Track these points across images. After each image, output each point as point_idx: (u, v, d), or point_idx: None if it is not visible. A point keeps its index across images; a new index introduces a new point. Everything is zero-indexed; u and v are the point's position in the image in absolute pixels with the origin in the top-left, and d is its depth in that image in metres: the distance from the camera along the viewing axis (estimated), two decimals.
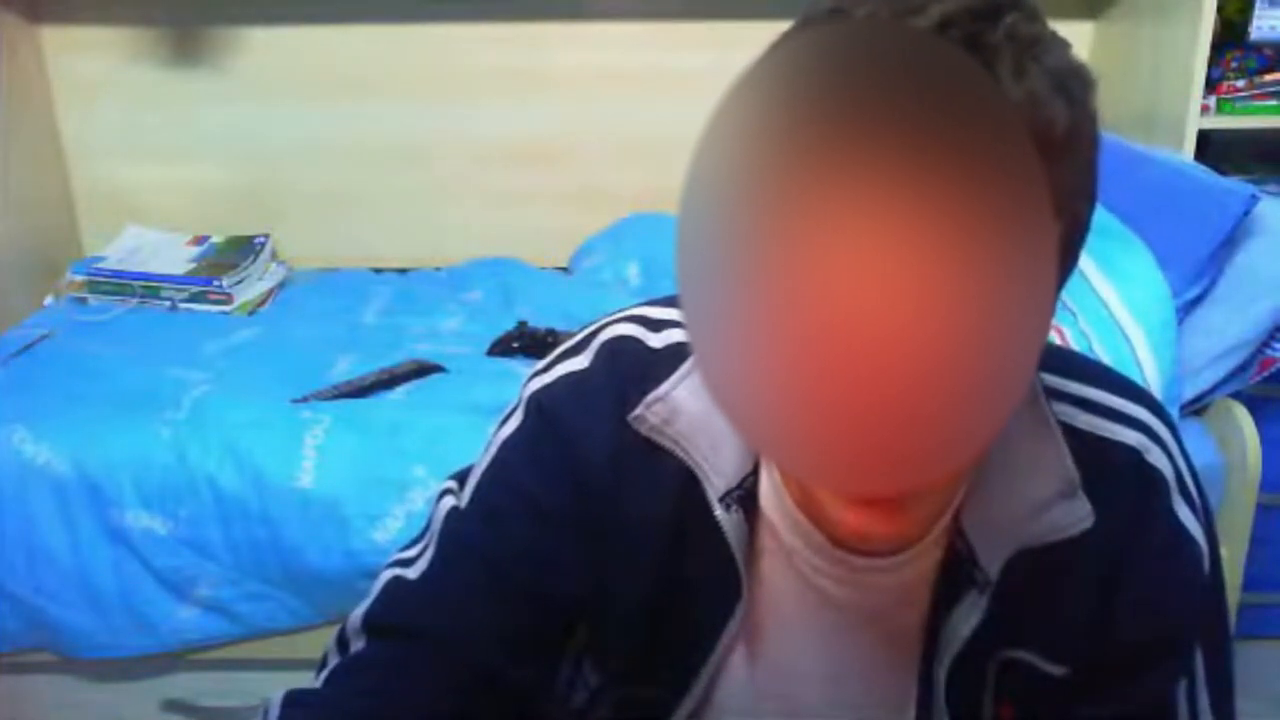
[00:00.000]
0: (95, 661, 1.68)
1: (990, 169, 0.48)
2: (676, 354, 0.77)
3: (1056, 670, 0.77)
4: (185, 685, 1.72)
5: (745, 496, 0.76)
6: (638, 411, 0.75)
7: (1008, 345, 0.51)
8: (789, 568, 0.78)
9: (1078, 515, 0.72)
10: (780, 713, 0.82)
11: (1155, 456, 0.76)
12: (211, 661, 1.69)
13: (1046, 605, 0.75)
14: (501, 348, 1.93)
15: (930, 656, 0.78)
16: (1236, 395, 1.76)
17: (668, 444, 0.75)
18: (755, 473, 0.76)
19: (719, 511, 0.75)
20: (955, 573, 0.75)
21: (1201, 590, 0.78)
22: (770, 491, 0.77)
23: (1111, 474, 0.74)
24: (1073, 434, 0.74)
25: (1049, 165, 0.51)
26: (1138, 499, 0.75)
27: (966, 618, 0.75)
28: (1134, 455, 0.75)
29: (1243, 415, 1.72)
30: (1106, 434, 0.75)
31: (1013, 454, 0.72)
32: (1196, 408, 1.78)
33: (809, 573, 0.78)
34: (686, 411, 0.75)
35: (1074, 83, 0.60)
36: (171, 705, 1.73)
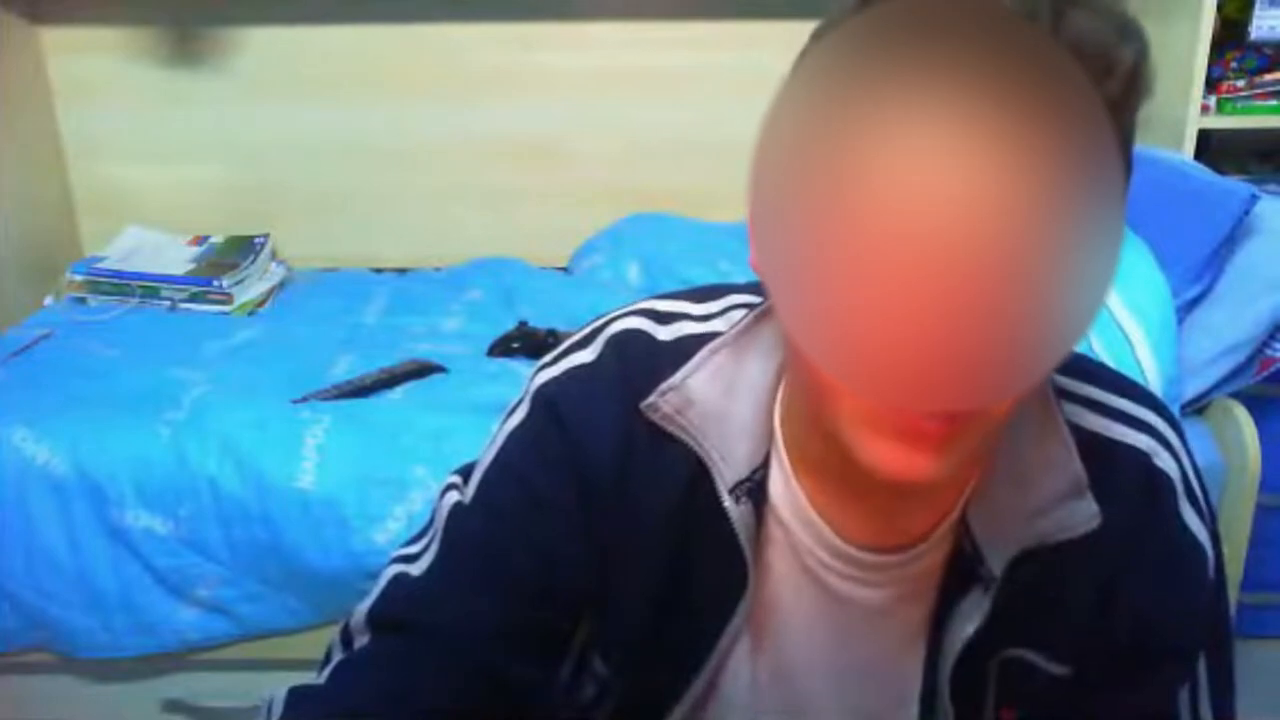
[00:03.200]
0: (95, 661, 1.68)
1: (1053, 98, 0.52)
2: (685, 346, 0.77)
3: (1058, 670, 0.77)
4: (185, 685, 1.72)
5: (755, 489, 0.76)
6: (651, 399, 0.75)
7: (1075, 266, 0.53)
8: (795, 561, 0.78)
9: (1084, 515, 0.72)
10: (784, 706, 0.82)
11: (1163, 460, 0.76)
12: (211, 661, 1.69)
13: (1050, 605, 0.75)
14: (501, 348, 1.93)
15: (934, 653, 0.78)
16: (1236, 395, 1.76)
17: (679, 433, 0.75)
18: (766, 465, 0.76)
19: (728, 503, 0.75)
20: (961, 570, 0.75)
21: (1205, 595, 0.78)
22: (780, 484, 0.77)
23: (1119, 476, 0.74)
24: (1081, 435, 0.74)
25: (1111, 105, 0.55)
26: (1145, 502, 0.75)
27: (971, 615, 0.75)
28: (1142, 458, 0.75)
29: (1243, 415, 1.72)
30: (1115, 436, 0.75)
31: (1021, 453, 0.73)
32: (1196, 407, 1.78)
33: (815, 567, 0.78)
34: (699, 401, 0.75)
35: (1134, 32, 0.63)
36: (171, 705, 1.73)
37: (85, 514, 1.60)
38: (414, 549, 0.82)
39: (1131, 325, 1.68)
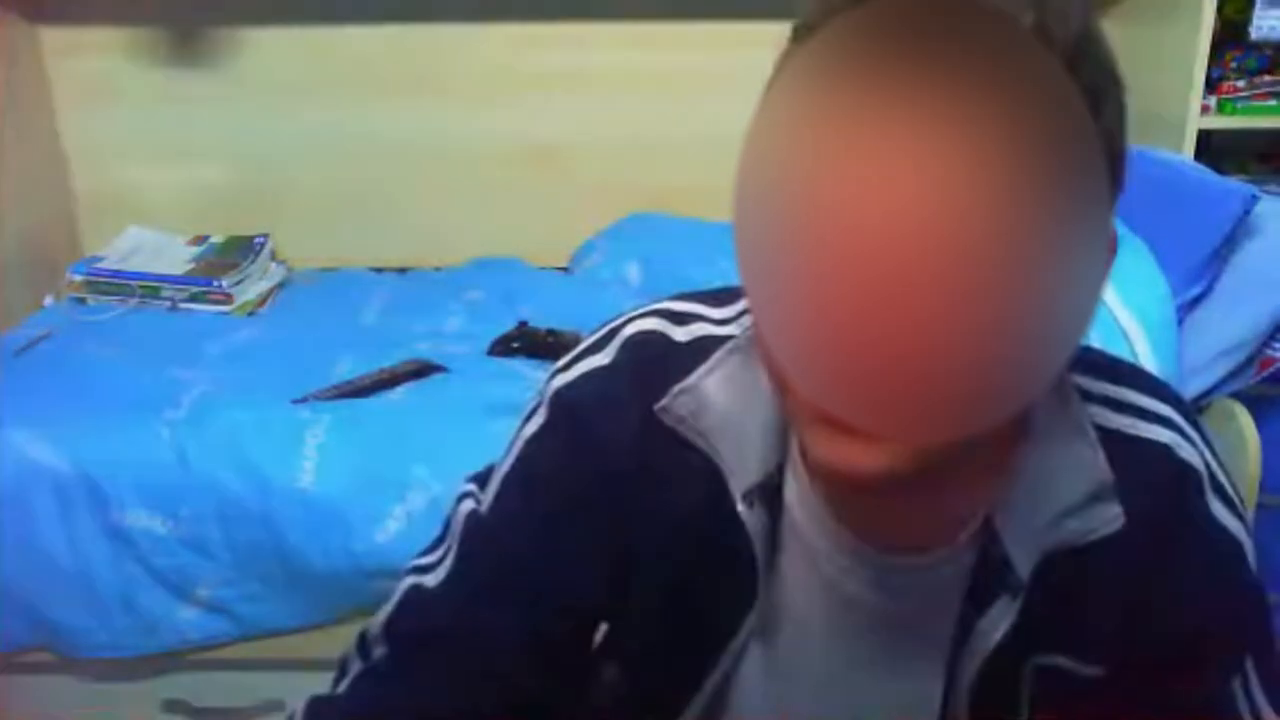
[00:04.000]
0: (95, 661, 1.67)
1: (1032, 104, 0.50)
2: (701, 347, 0.76)
3: (1092, 671, 0.75)
4: (185, 685, 1.72)
5: (769, 494, 0.75)
6: (664, 402, 0.75)
7: (1055, 285, 0.51)
8: (811, 568, 0.77)
9: (1107, 517, 0.71)
10: (797, 715, 0.81)
11: (1187, 452, 0.74)
12: (211, 661, 1.68)
13: (1080, 608, 0.74)
14: (502, 348, 1.93)
15: (956, 663, 0.76)
16: (1236, 395, 1.76)
17: (693, 437, 0.75)
18: (781, 471, 0.75)
19: (741, 508, 0.74)
20: (987, 577, 0.74)
21: (1242, 584, 0.76)
22: (795, 490, 0.76)
23: (1144, 472, 0.73)
24: (1104, 434, 0.73)
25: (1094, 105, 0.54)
26: (1172, 497, 0.74)
27: (997, 622, 0.73)
28: (1166, 452, 0.74)
29: (1243, 415, 1.72)
30: (1137, 432, 0.74)
31: (1048, 456, 0.72)
32: (1196, 408, 1.78)
33: (834, 573, 0.77)
34: (713, 404, 0.74)
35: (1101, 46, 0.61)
36: (171, 705, 1.73)
37: (85, 514, 1.60)
38: (429, 559, 0.82)
39: (1131, 325, 1.68)
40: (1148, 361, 1.66)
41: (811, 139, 0.52)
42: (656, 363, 0.76)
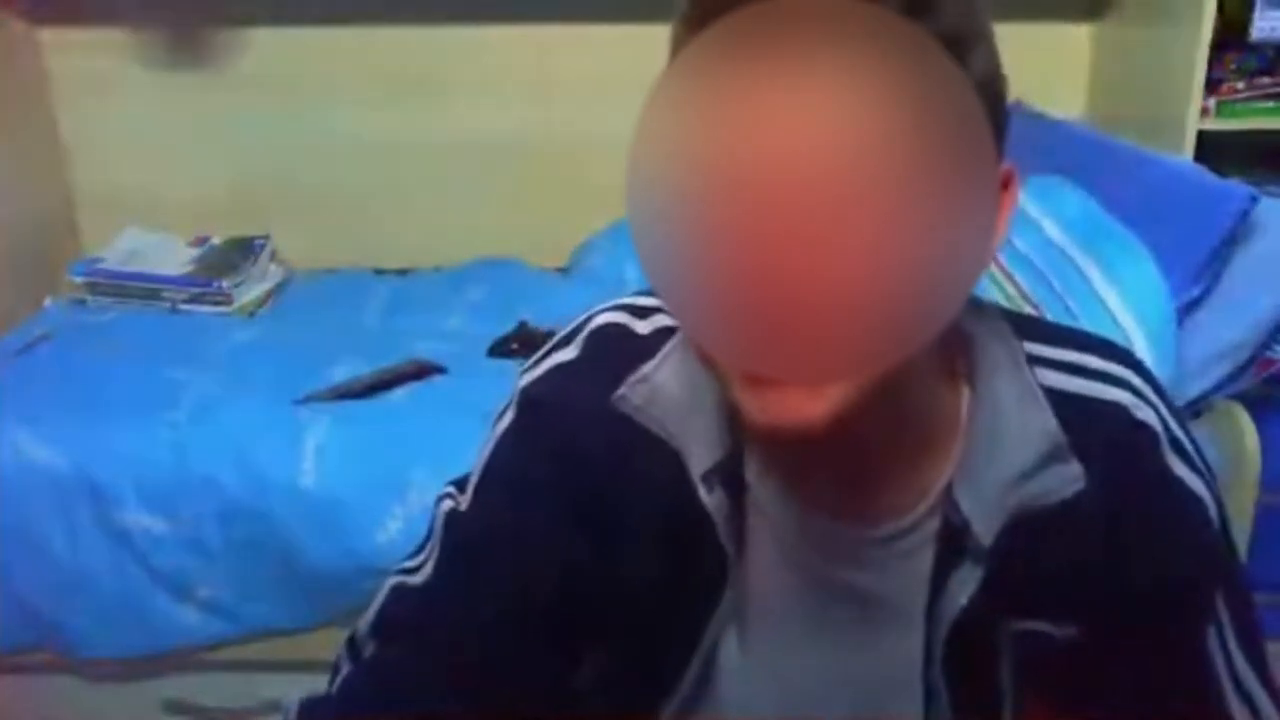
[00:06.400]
0: (95, 661, 1.68)
1: (886, 56, 0.54)
2: (663, 338, 0.78)
3: (1067, 631, 0.75)
4: (185, 685, 1.72)
5: (729, 476, 0.76)
6: (621, 391, 0.76)
7: (932, 223, 0.54)
8: (779, 547, 0.79)
9: (1068, 477, 0.72)
10: (779, 693, 0.82)
11: (1143, 412, 0.75)
12: (211, 661, 1.69)
13: (1049, 571, 0.74)
14: (502, 348, 1.94)
15: (929, 631, 0.77)
16: (1237, 396, 1.76)
17: (650, 424, 0.76)
18: (740, 453, 0.76)
19: (701, 491, 0.75)
20: (950, 544, 0.75)
21: (1206, 536, 0.77)
22: (757, 471, 0.77)
23: (1101, 432, 0.74)
24: (1058, 397, 0.74)
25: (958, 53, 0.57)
26: (1130, 455, 0.74)
27: (962, 588, 0.74)
28: (1122, 412, 0.75)
29: (1243, 416, 1.72)
30: (1092, 394, 0.75)
31: (1000, 422, 0.73)
32: (1196, 409, 1.78)
33: (801, 549, 0.78)
34: (667, 391, 0.76)
35: None
36: (171, 705, 1.73)
37: (85, 514, 1.61)
38: (413, 562, 0.84)
39: (1131, 326, 1.68)
40: (1147, 362, 1.66)
41: (690, 112, 0.56)
42: (619, 354, 0.78)
